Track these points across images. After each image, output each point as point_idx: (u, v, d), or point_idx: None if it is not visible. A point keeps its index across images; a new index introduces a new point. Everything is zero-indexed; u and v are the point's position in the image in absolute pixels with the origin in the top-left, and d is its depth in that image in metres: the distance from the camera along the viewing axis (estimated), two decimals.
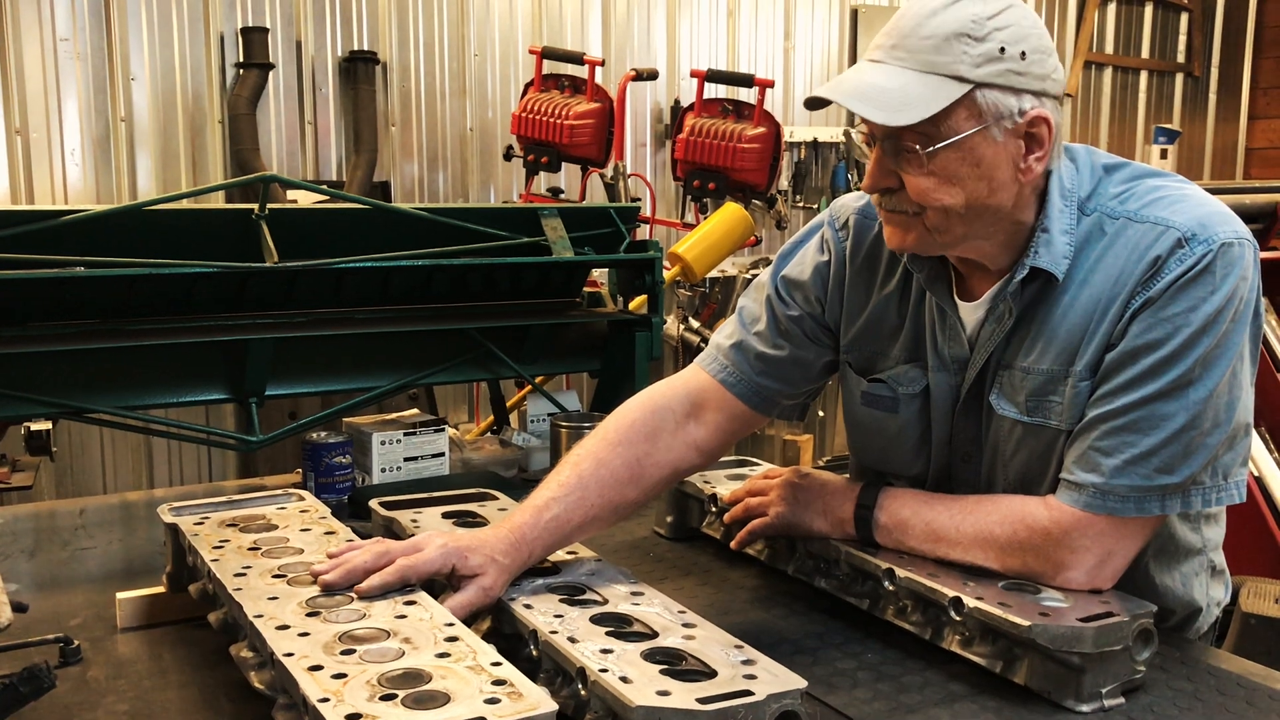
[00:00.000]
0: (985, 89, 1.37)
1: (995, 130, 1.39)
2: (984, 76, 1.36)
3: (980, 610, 1.35)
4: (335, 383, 2.36)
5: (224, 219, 2.25)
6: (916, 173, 1.41)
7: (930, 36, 1.37)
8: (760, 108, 4.35)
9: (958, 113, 1.37)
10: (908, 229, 1.46)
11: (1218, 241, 1.38)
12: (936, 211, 1.42)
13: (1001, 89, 1.37)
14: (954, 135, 1.38)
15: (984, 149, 1.39)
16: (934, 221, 1.43)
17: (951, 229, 1.44)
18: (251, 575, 1.38)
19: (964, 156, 1.39)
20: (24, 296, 2.04)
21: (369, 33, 5.14)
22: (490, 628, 1.40)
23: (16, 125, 4.46)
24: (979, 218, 1.43)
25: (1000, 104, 1.38)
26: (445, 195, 5.39)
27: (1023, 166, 1.42)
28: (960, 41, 1.36)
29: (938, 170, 1.40)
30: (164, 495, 2.41)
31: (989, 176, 1.41)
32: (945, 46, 1.36)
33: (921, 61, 1.37)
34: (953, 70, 1.36)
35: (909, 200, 1.43)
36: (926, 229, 1.44)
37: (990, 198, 1.42)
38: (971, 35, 1.36)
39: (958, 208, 1.41)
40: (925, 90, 1.36)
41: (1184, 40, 8.04)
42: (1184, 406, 1.37)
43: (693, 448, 1.67)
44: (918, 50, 1.37)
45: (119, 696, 1.36)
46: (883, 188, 1.45)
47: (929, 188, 1.41)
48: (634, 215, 2.64)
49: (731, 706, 1.11)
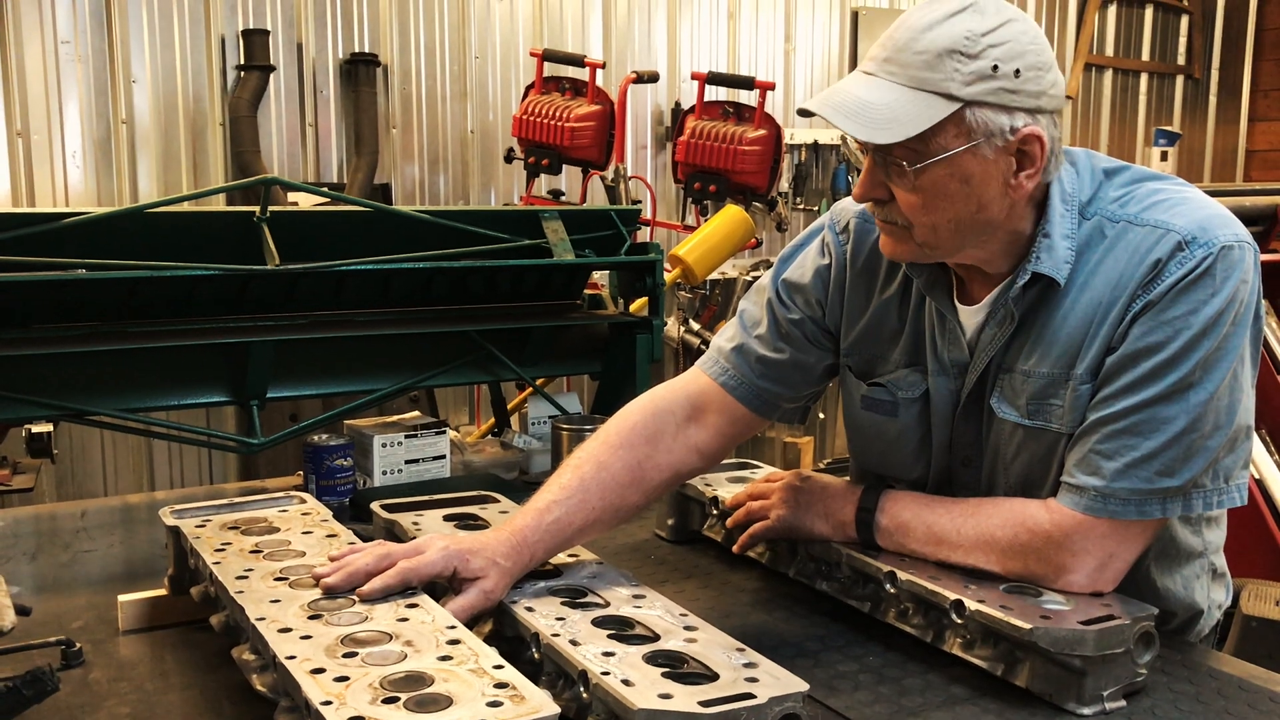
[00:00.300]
0: (975, 107, 1.36)
1: (985, 148, 1.38)
2: (974, 95, 1.35)
3: (981, 613, 1.36)
4: (336, 385, 2.36)
5: (225, 221, 2.26)
6: (904, 188, 1.41)
7: (923, 52, 1.35)
8: (761, 110, 4.35)
9: (946, 130, 1.36)
10: (900, 240, 1.47)
11: (1218, 244, 1.38)
12: (924, 228, 1.42)
13: (993, 107, 1.36)
14: (942, 153, 1.37)
15: (972, 166, 1.39)
16: (923, 237, 1.44)
17: (941, 244, 1.44)
18: (253, 578, 1.38)
19: (952, 173, 1.39)
20: (25, 299, 2.05)
21: (370, 35, 5.14)
22: (492, 630, 1.40)
23: (18, 127, 4.47)
24: (970, 232, 1.43)
25: (990, 122, 1.37)
26: (446, 198, 5.40)
27: (1013, 183, 1.41)
28: (952, 59, 1.34)
29: (925, 186, 1.40)
30: (165, 498, 2.41)
31: (978, 194, 1.40)
32: (937, 63, 1.35)
33: (911, 78, 1.36)
34: (943, 88, 1.35)
35: (899, 212, 1.43)
36: (917, 244, 1.45)
37: (979, 214, 1.42)
38: (964, 52, 1.34)
39: (945, 224, 1.42)
40: (913, 108, 1.35)
41: (1184, 42, 8.04)
42: (1185, 409, 1.37)
43: (694, 451, 1.67)
44: (909, 65, 1.36)
45: (121, 699, 1.36)
46: (873, 198, 1.46)
47: (916, 204, 1.41)
48: (635, 217, 2.64)
49: (733, 709, 1.11)
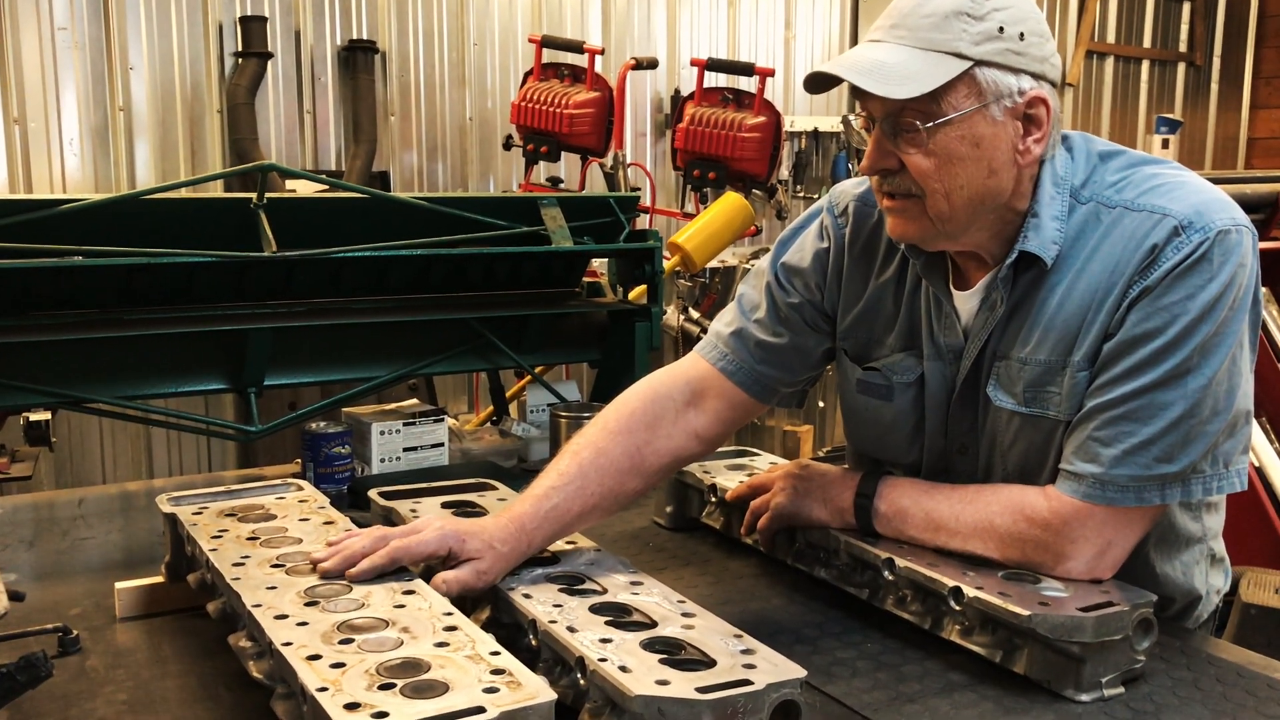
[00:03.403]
0: (985, 67, 1.38)
1: (995, 109, 1.39)
2: (983, 54, 1.37)
3: (980, 600, 1.35)
4: (334, 373, 2.35)
5: (222, 208, 2.25)
6: (916, 152, 1.41)
7: (930, 15, 1.38)
8: (760, 97, 4.34)
9: (958, 89, 1.38)
10: (911, 219, 1.46)
11: (1215, 229, 1.38)
12: (938, 195, 1.42)
13: (1001, 68, 1.38)
14: (954, 112, 1.38)
15: (983, 128, 1.40)
16: (936, 207, 1.43)
17: (955, 214, 1.43)
18: (250, 565, 1.38)
19: (963, 135, 1.39)
20: (22, 286, 2.04)
21: (368, 22, 5.12)
22: (489, 617, 1.40)
23: (15, 115, 4.46)
24: (980, 203, 1.43)
25: (999, 82, 1.38)
26: (444, 185, 5.39)
27: (1021, 148, 1.42)
28: (960, 20, 1.37)
29: (938, 149, 1.40)
30: (163, 485, 2.41)
31: (988, 157, 1.41)
32: (945, 24, 1.37)
33: (921, 39, 1.38)
34: (953, 47, 1.37)
35: (910, 180, 1.43)
36: (930, 219, 1.44)
37: (990, 179, 1.42)
38: (970, 14, 1.37)
39: (958, 190, 1.41)
40: (925, 66, 1.37)
41: (1186, 29, 8.01)
42: (1183, 395, 1.37)
43: (693, 436, 1.67)
44: (917, 28, 1.38)
45: (118, 686, 1.36)
46: (881, 168, 1.45)
47: (929, 168, 1.41)
48: (634, 205, 2.63)
49: (731, 696, 1.11)
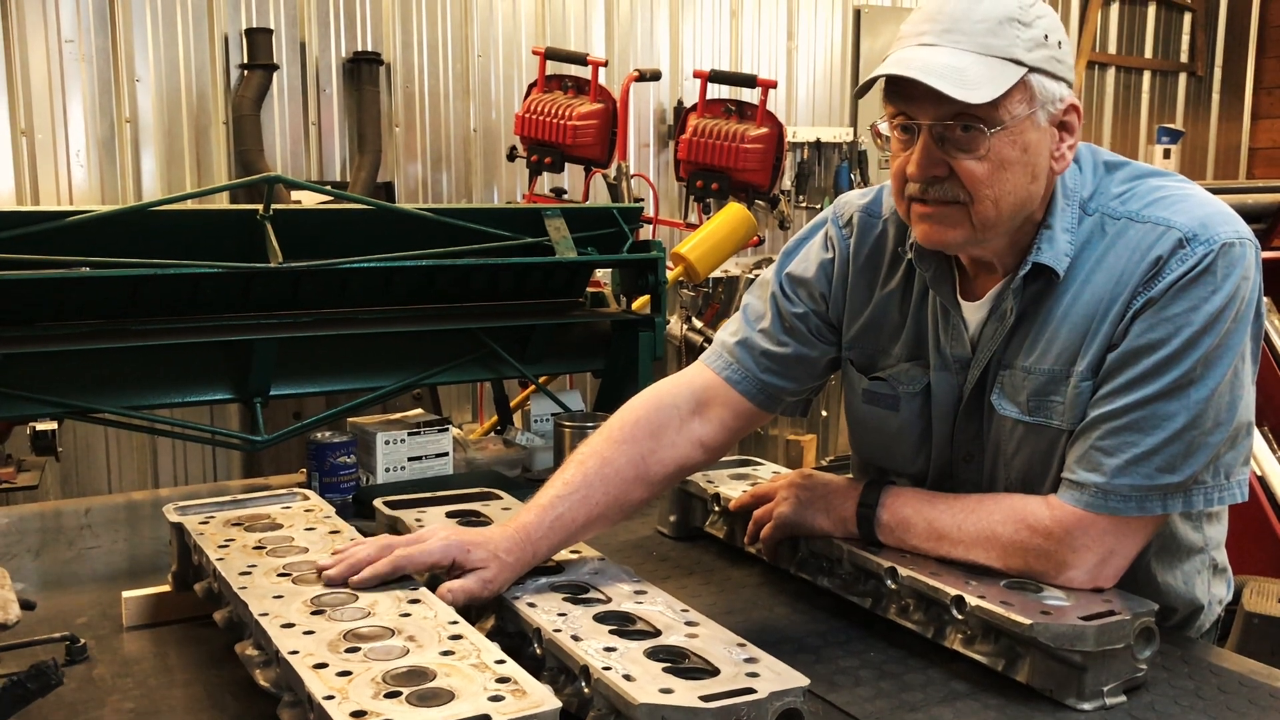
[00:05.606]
0: (1037, 74, 1.39)
1: (1041, 115, 1.40)
2: (1036, 61, 1.38)
3: (982, 609, 1.36)
4: (339, 383, 2.36)
5: (228, 220, 2.26)
6: (968, 158, 1.40)
7: (984, 20, 1.38)
8: (763, 108, 4.35)
9: (1013, 95, 1.38)
10: (951, 225, 1.44)
11: (1219, 241, 1.38)
12: (987, 201, 1.41)
13: (1048, 75, 1.40)
14: (1010, 118, 1.38)
15: (1031, 134, 1.40)
16: (982, 214, 1.42)
17: (1001, 220, 1.43)
18: (256, 574, 1.39)
19: (1015, 141, 1.40)
20: (29, 297, 2.05)
21: (373, 34, 5.15)
22: (494, 626, 1.40)
23: (22, 126, 4.48)
24: (1021, 209, 1.44)
25: (1047, 89, 1.40)
26: (449, 196, 5.40)
27: (1056, 154, 1.43)
28: (1011, 26, 1.37)
29: (992, 155, 1.39)
30: (169, 495, 2.41)
31: (1033, 163, 1.42)
32: (1000, 30, 1.37)
33: (979, 44, 1.37)
34: (1009, 53, 1.37)
35: (959, 187, 1.41)
36: (972, 226, 1.43)
37: (1032, 184, 1.43)
38: (1020, 20, 1.38)
39: (1006, 196, 1.41)
40: (990, 71, 1.37)
41: (1187, 40, 8.03)
42: (1185, 406, 1.37)
43: (697, 445, 1.67)
44: (974, 33, 1.38)
45: (125, 694, 1.36)
46: (934, 175, 1.42)
47: (983, 174, 1.40)
48: (637, 215, 2.64)
49: (734, 704, 1.11)
